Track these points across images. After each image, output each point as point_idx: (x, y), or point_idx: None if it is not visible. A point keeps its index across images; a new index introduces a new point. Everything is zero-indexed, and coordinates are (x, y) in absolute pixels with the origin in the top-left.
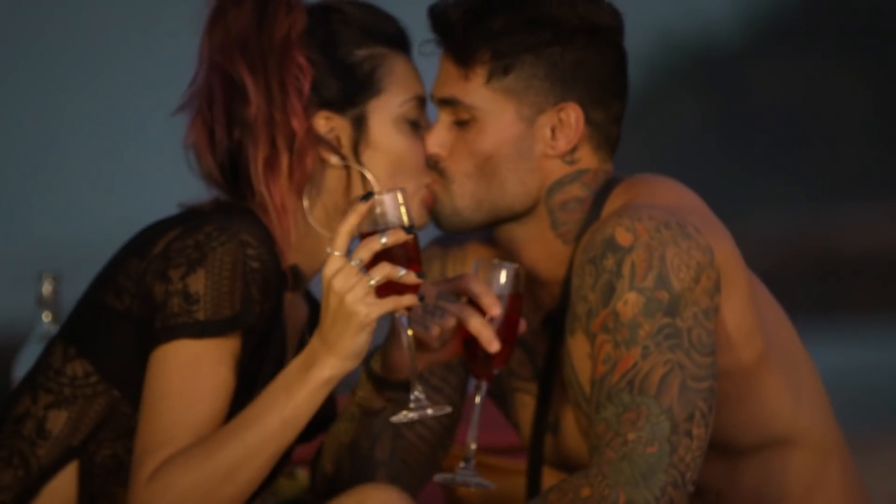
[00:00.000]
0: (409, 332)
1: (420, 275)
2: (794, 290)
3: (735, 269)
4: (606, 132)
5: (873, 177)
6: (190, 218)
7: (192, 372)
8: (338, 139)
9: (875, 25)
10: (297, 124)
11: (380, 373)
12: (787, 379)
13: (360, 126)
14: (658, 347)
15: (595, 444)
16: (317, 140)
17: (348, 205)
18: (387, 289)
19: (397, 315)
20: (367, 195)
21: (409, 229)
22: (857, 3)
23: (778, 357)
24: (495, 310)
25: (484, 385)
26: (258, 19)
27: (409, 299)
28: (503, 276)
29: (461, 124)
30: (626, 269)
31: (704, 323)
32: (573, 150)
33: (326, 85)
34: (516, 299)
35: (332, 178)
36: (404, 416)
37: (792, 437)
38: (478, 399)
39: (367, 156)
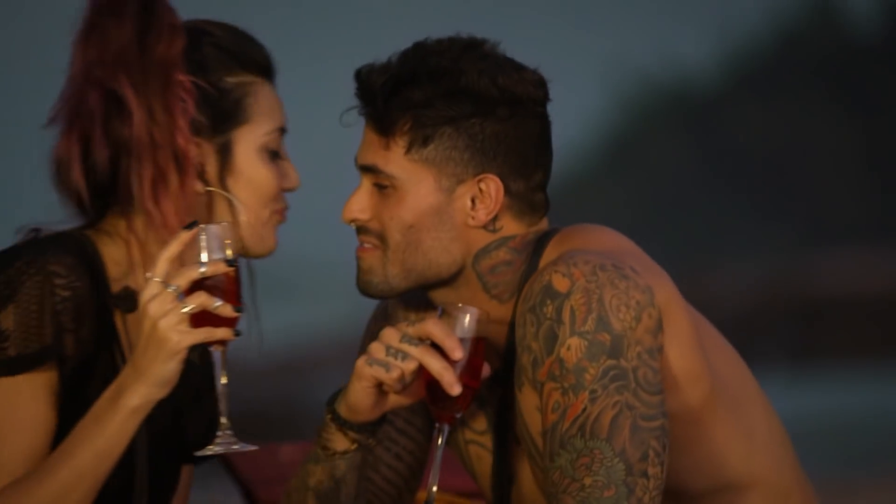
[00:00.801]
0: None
1: (237, 309)
2: (775, 333)
3: (676, 310)
4: (529, 200)
5: (854, 221)
6: (5, 254)
7: (8, 408)
8: (202, 165)
9: (854, 67)
10: (183, 144)
11: (344, 414)
12: (739, 421)
13: (225, 153)
14: (605, 390)
15: (552, 492)
16: None
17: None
18: (202, 319)
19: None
20: (191, 224)
21: (230, 262)
22: (835, 44)
23: (728, 399)
24: (457, 353)
25: (446, 428)
26: (140, 37)
27: (223, 332)
28: (466, 320)
29: (382, 190)
30: (566, 315)
31: (649, 362)
32: (494, 219)
33: (198, 110)
34: (480, 343)
35: (194, 206)
36: (209, 450)
37: (746, 481)
38: (440, 442)
39: (229, 182)
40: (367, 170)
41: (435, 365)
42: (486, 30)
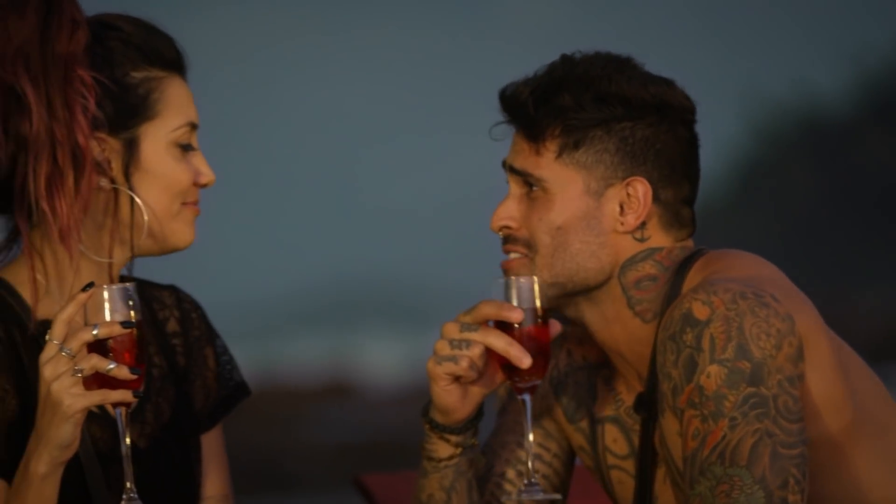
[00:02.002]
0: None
1: (133, 371)
2: None
3: (818, 337)
4: (676, 211)
5: None
6: None
7: None
8: (108, 161)
9: None
10: (83, 141)
11: (439, 420)
12: (882, 447)
13: (131, 149)
14: (745, 417)
15: None
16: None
17: (115, 228)
18: (99, 381)
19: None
20: (89, 285)
21: (126, 324)
22: None
23: (871, 426)
24: (516, 314)
25: (528, 399)
26: (41, 31)
27: (119, 394)
28: (521, 289)
29: (532, 194)
30: (705, 343)
31: (789, 390)
32: (642, 226)
33: (101, 105)
34: (539, 310)
35: (100, 201)
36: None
37: None
38: (527, 414)
39: (136, 178)
40: (517, 172)
41: (498, 343)
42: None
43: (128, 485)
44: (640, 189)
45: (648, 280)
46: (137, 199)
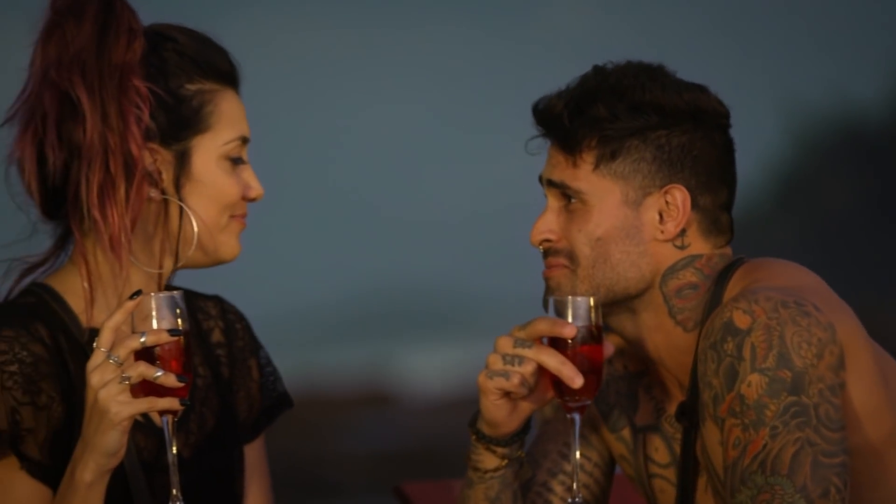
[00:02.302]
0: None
1: (181, 378)
2: None
3: (859, 346)
4: (715, 218)
5: None
6: None
7: None
8: (159, 172)
9: None
10: (135, 151)
11: (486, 432)
12: None
13: (182, 161)
14: (786, 426)
15: None
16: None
17: (165, 239)
18: (145, 389)
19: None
20: (136, 293)
21: (175, 332)
22: None
23: None
24: (569, 330)
25: (577, 418)
26: (98, 39)
27: (166, 402)
28: (577, 308)
29: (570, 206)
30: (746, 352)
31: (831, 398)
32: (682, 233)
33: (155, 116)
34: (594, 329)
35: (150, 212)
36: None
37: None
38: (575, 433)
39: (186, 190)
40: (554, 186)
41: (551, 361)
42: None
43: (174, 492)
44: (679, 196)
45: (689, 288)
46: (188, 210)
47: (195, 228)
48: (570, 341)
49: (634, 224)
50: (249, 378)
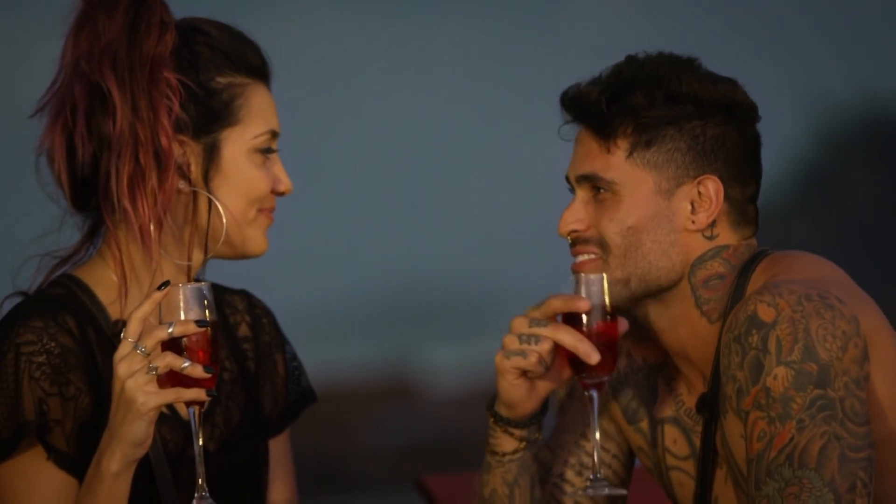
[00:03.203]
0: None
1: (207, 369)
2: None
3: (882, 338)
4: (743, 210)
5: None
6: None
7: (17, 487)
8: (188, 164)
9: None
10: (165, 143)
11: (505, 414)
12: None
13: (211, 154)
14: (813, 420)
15: None
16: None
17: (194, 231)
18: (172, 380)
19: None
20: (164, 284)
21: (202, 323)
22: None
23: None
24: (584, 304)
25: (595, 395)
26: (130, 32)
27: (193, 393)
28: (589, 286)
29: (600, 196)
30: (771, 345)
31: (856, 392)
32: (712, 224)
33: (185, 108)
34: (607, 306)
35: (178, 204)
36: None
37: None
38: (594, 409)
39: (215, 183)
40: (584, 179)
41: (567, 338)
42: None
43: (199, 482)
44: (712, 187)
45: (717, 279)
46: (216, 203)
47: (224, 221)
48: (584, 318)
49: (666, 214)
50: (275, 373)
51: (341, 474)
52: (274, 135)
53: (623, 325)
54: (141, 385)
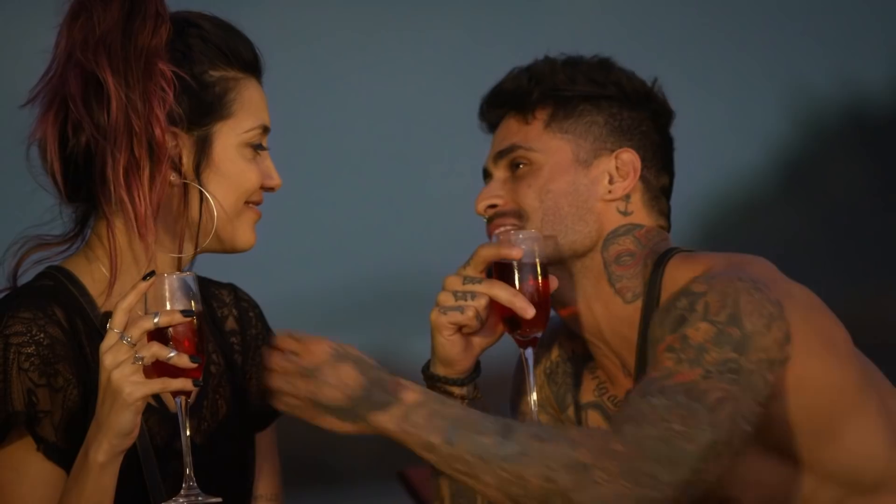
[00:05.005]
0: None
1: (194, 359)
2: None
3: (810, 322)
4: (656, 195)
5: None
6: None
7: (4, 478)
8: (179, 156)
9: None
10: (159, 134)
11: (442, 373)
12: (881, 420)
13: (203, 146)
14: (720, 376)
15: (633, 416)
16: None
17: (185, 224)
18: (159, 370)
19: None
20: (149, 274)
21: (188, 312)
22: None
23: (874, 401)
24: (516, 252)
25: (531, 351)
26: (125, 23)
27: (180, 383)
28: (521, 242)
29: (518, 172)
30: (699, 307)
31: (765, 373)
32: (627, 198)
33: (178, 101)
34: (540, 264)
35: (170, 197)
36: (174, 501)
37: (890, 479)
38: (531, 366)
39: (206, 176)
40: (503, 154)
41: (502, 294)
42: (670, 55)
43: (187, 472)
44: (629, 159)
45: (628, 255)
46: (207, 195)
47: (214, 213)
48: (517, 274)
49: (584, 182)
50: (262, 366)
51: (323, 466)
52: (265, 130)
53: (554, 282)
54: (127, 375)
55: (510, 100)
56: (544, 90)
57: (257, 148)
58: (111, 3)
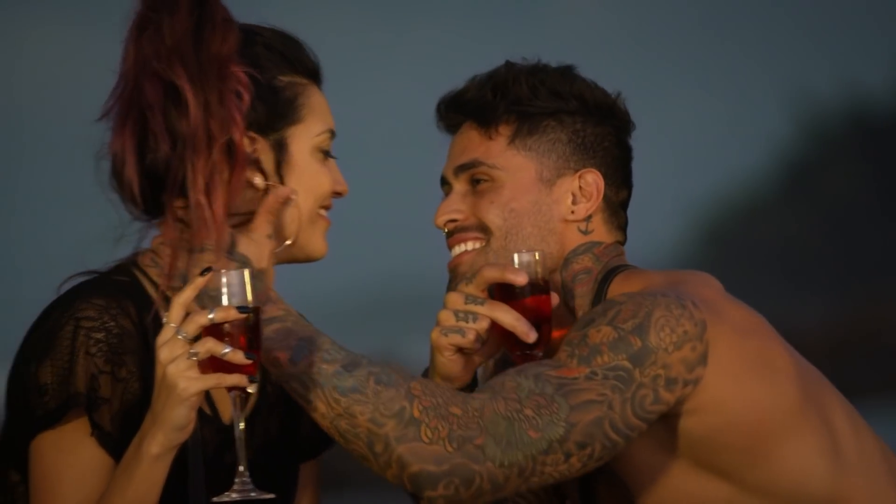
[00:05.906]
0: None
1: (248, 355)
2: None
3: (740, 341)
4: (616, 212)
5: None
6: (46, 309)
7: (54, 460)
8: (258, 160)
9: None
10: (238, 138)
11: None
12: (823, 440)
13: (280, 150)
14: (604, 380)
15: (493, 387)
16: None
17: (267, 226)
18: (214, 365)
19: None
20: (206, 270)
21: (244, 309)
22: None
23: (814, 420)
24: (521, 277)
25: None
26: (195, 32)
27: (234, 378)
28: (521, 264)
29: (479, 187)
30: (611, 312)
31: (659, 391)
32: (588, 218)
33: (252, 105)
34: (540, 281)
35: (249, 200)
36: (226, 496)
37: (835, 499)
38: None
39: (288, 179)
40: (464, 169)
41: (506, 318)
42: (672, 59)
43: (241, 468)
44: (592, 180)
45: (584, 273)
46: (294, 196)
47: (301, 213)
48: (518, 291)
49: (547, 202)
50: None
51: (330, 470)
52: (333, 134)
53: (555, 298)
54: (182, 370)
55: (473, 111)
56: (507, 102)
57: (326, 153)
58: (178, 14)
